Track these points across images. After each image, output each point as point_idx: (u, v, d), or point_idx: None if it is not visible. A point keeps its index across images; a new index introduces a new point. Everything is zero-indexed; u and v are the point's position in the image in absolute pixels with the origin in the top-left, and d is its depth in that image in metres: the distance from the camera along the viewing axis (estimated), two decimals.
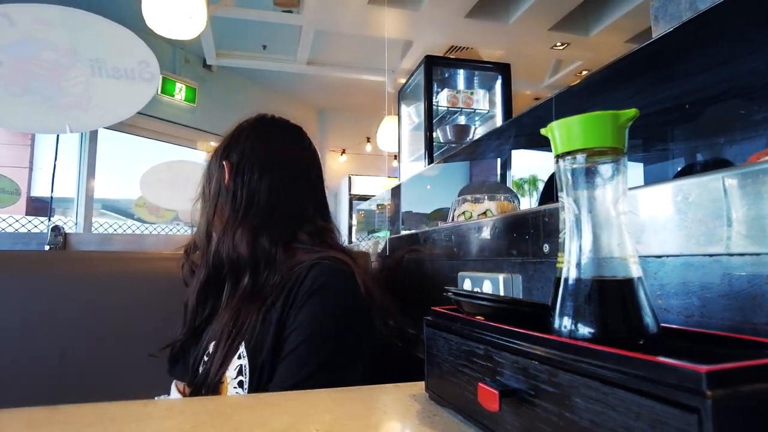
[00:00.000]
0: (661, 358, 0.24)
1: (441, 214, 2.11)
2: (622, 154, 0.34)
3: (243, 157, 0.85)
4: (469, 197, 1.26)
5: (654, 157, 1.55)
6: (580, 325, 0.33)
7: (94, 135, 3.93)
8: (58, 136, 1.98)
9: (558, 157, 0.35)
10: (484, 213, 1.21)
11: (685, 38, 0.82)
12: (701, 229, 0.40)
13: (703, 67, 0.87)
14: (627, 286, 0.33)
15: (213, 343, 0.78)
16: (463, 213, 1.26)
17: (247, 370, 0.73)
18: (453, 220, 1.30)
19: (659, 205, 0.45)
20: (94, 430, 0.39)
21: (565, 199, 0.35)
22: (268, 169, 0.85)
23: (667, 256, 0.44)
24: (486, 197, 1.22)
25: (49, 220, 2.03)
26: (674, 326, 0.36)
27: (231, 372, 0.74)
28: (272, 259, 0.80)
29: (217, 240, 0.82)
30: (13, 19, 1.70)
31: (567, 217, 0.35)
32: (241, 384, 0.73)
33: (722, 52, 0.82)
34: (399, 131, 4.22)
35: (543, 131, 0.36)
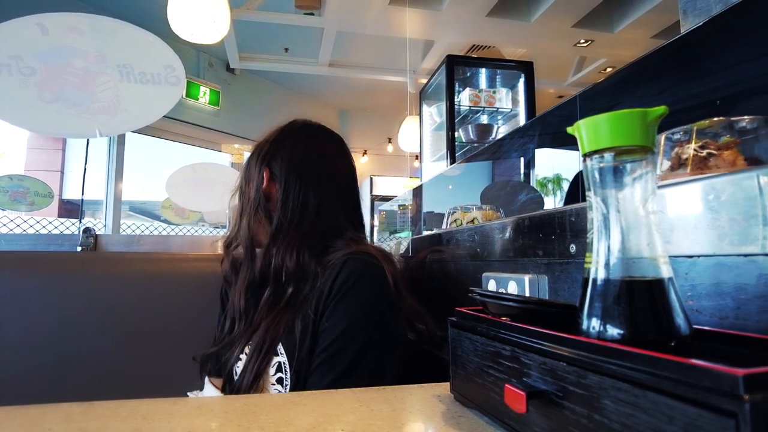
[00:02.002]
0: (695, 361, 0.24)
1: None
2: (651, 152, 0.33)
3: (291, 167, 0.85)
4: (459, 207, 1.49)
5: None
6: (609, 326, 0.32)
7: (121, 139, 4.04)
8: (88, 140, 2.04)
9: (585, 155, 0.34)
10: (472, 221, 1.43)
11: (717, 32, 0.80)
12: (735, 229, 0.39)
13: (735, 62, 0.84)
14: (657, 286, 0.32)
15: (250, 347, 0.80)
16: (455, 221, 1.49)
17: (287, 366, 0.74)
18: (447, 226, 1.50)
19: (690, 203, 0.44)
20: (128, 426, 0.40)
21: (593, 198, 0.34)
22: (318, 182, 0.85)
23: (699, 256, 0.43)
24: (474, 208, 1.45)
25: (80, 221, 2.09)
26: (707, 328, 0.35)
27: (270, 369, 0.76)
28: (312, 272, 0.81)
29: (266, 249, 0.83)
30: (46, 28, 1.75)
31: (595, 216, 0.34)
32: (280, 381, 0.74)
33: (756, 45, 0.79)
34: (420, 131, 4.21)
35: (570, 130, 0.36)
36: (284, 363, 0.75)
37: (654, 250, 0.32)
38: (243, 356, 0.82)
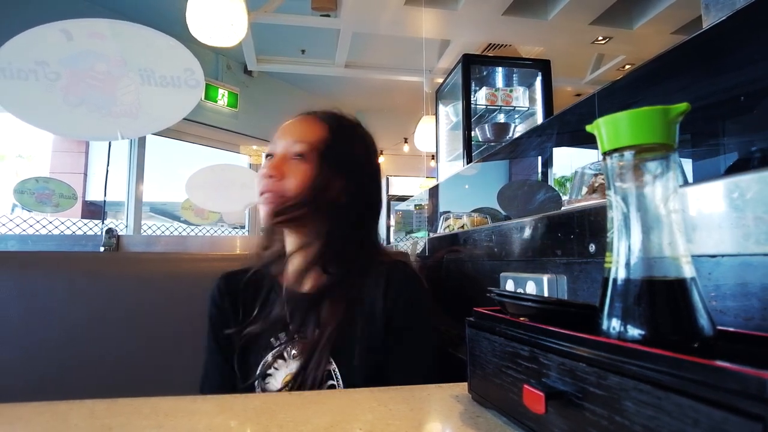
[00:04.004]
0: (720, 362, 0.23)
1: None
2: (672, 150, 0.32)
3: (353, 169, 0.86)
4: (452, 214, 1.65)
5: (704, 152, 1.47)
6: (629, 327, 0.32)
7: (142, 141, 4.11)
8: (110, 143, 2.08)
9: (605, 154, 0.34)
10: (462, 226, 1.55)
11: (741, 27, 0.78)
12: (761, 227, 0.38)
13: (761, 57, 0.82)
14: (679, 286, 0.32)
15: (303, 357, 0.77)
16: (448, 226, 1.61)
17: (337, 373, 0.75)
18: (441, 231, 1.62)
19: (713, 202, 0.43)
20: (150, 423, 0.41)
21: (613, 197, 0.34)
22: (371, 180, 0.89)
23: (723, 255, 0.42)
24: (465, 215, 1.60)
25: (103, 222, 2.14)
26: (732, 329, 0.35)
27: None
28: (365, 267, 0.82)
29: (321, 248, 0.83)
30: (70, 34, 1.80)
31: (615, 215, 0.34)
32: (332, 388, 0.75)
33: None
34: (437, 131, 4.19)
35: (589, 128, 0.35)
36: (334, 370, 0.75)
37: (676, 250, 0.32)
38: (280, 361, 0.79)
